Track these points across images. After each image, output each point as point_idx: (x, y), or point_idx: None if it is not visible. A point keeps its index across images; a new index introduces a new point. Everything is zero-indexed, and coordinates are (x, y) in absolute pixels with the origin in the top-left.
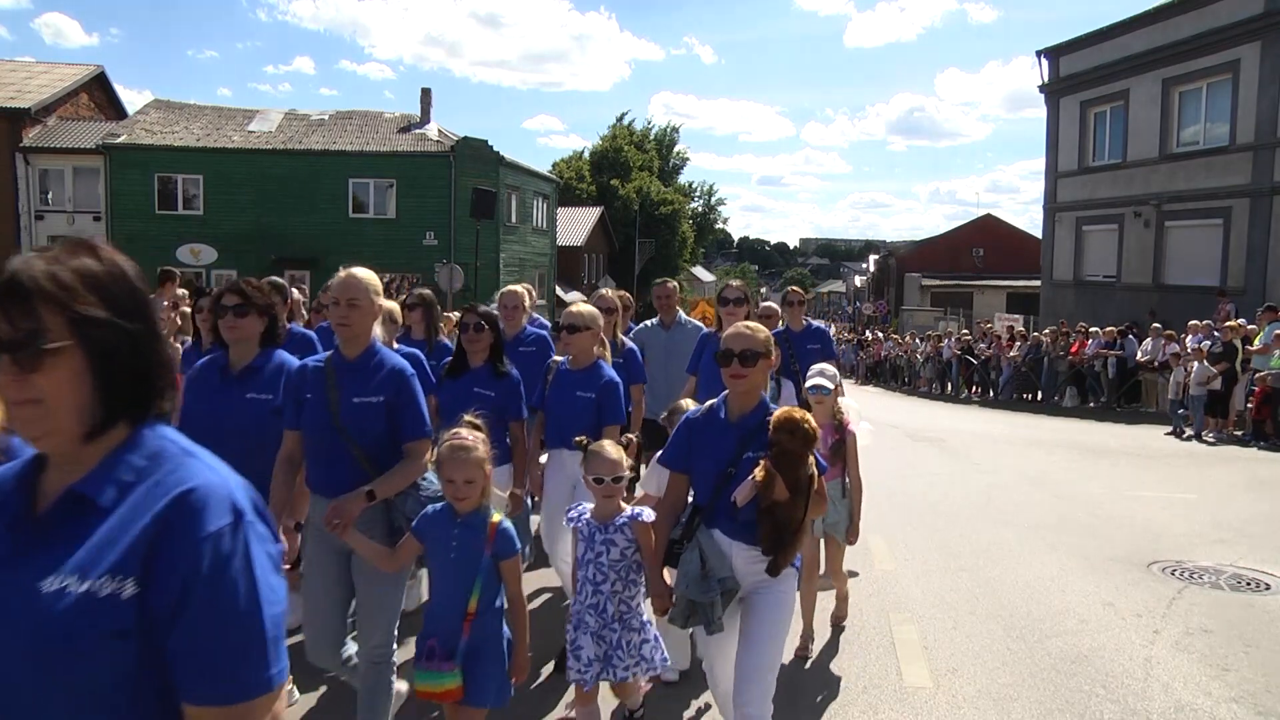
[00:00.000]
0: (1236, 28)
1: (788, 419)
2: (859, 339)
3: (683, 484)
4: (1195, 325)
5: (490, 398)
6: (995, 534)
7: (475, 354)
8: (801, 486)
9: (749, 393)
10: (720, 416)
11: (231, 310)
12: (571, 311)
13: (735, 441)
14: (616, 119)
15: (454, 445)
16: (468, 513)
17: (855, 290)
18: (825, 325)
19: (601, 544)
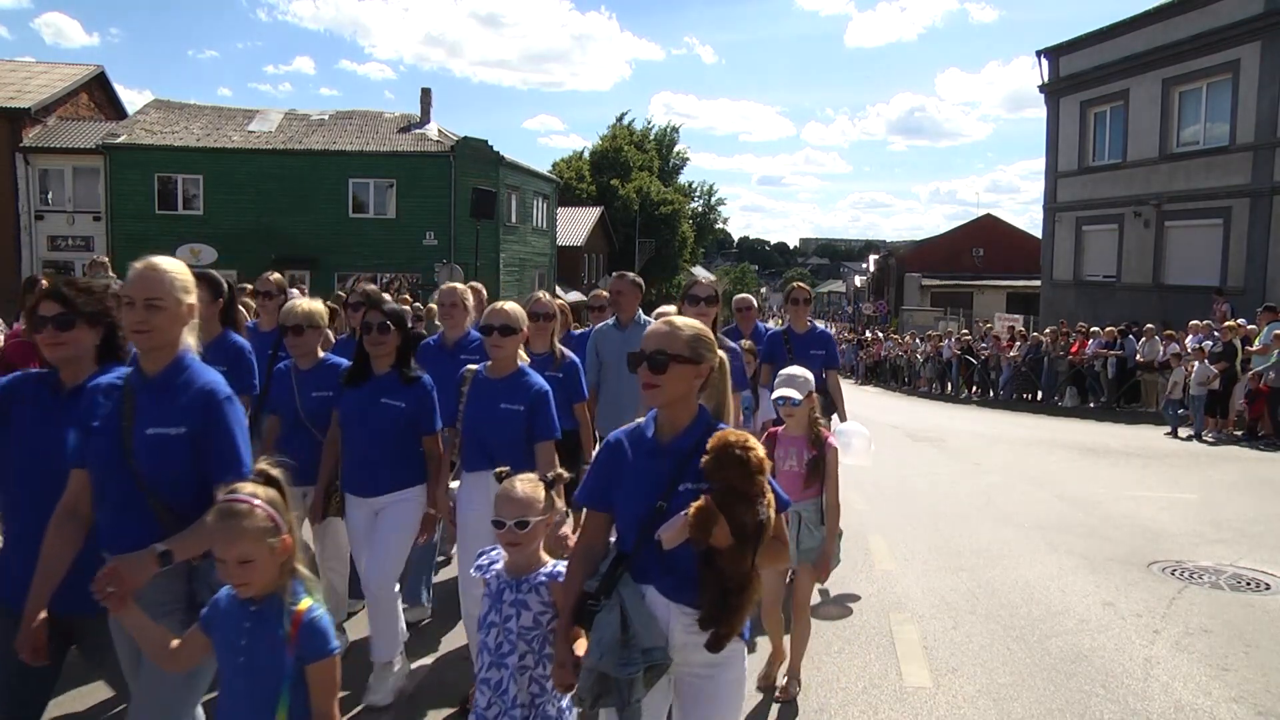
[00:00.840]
0: (1236, 28)
1: (722, 447)
2: (859, 339)
3: (602, 525)
4: (1195, 325)
5: (399, 409)
6: (995, 534)
7: (379, 358)
8: (748, 531)
9: (675, 406)
10: (648, 437)
11: (51, 322)
12: (502, 310)
13: (667, 469)
14: (616, 119)
15: (222, 510)
16: (263, 600)
17: (855, 290)
18: (829, 329)
19: (511, 605)
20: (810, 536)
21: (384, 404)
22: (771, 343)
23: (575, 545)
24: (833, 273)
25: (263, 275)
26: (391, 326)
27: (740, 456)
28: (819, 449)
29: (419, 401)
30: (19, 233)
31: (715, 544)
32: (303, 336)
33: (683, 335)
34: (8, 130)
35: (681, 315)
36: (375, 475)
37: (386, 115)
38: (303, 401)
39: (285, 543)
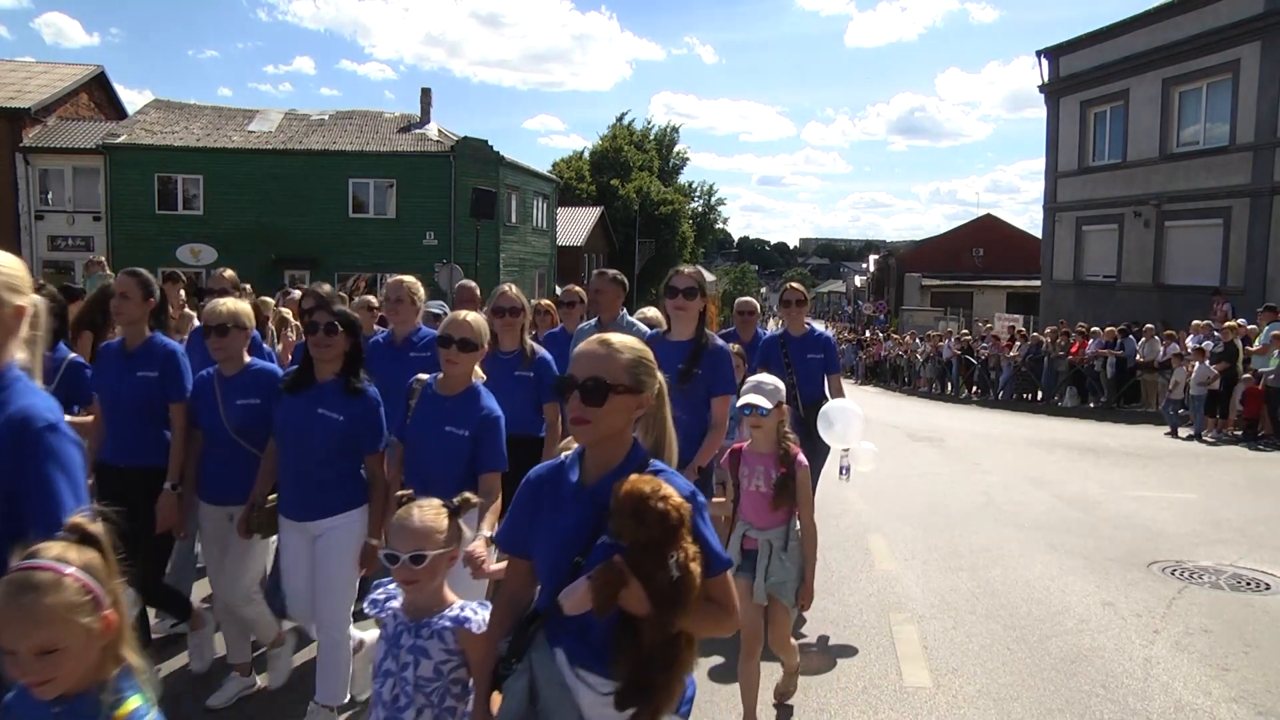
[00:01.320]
0: (1236, 28)
1: (631, 497)
2: (859, 339)
3: (523, 573)
4: (1196, 325)
5: (337, 423)
6: (995, 534)
7: (324, 364)
8: (667, 595)
9: (603, 444)
10: (570, 479)
11: None
12: (464, 322)
13: (587, 517)
14: (616, 119)
15: (14, 583)
16: (73, 699)
17: (855, 290)
18: (829, 331)
19: (409, 652)
20: (780, 567)
21: (321, 415)
22: (766, 347)
23: (499, 595)
24: (833, 273)
25: (216, 271)
26: (340, 328)
27: (656, 508)
28: (788, 467)
29: (361, 416)
30: (19, 233)
31: (628, 607)
32: (226, 338)
33: (622, 358)
34: (8, 130)
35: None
36: (309, 496)
37: (386, 115)
38: (227, 411)
39: (107, 621)
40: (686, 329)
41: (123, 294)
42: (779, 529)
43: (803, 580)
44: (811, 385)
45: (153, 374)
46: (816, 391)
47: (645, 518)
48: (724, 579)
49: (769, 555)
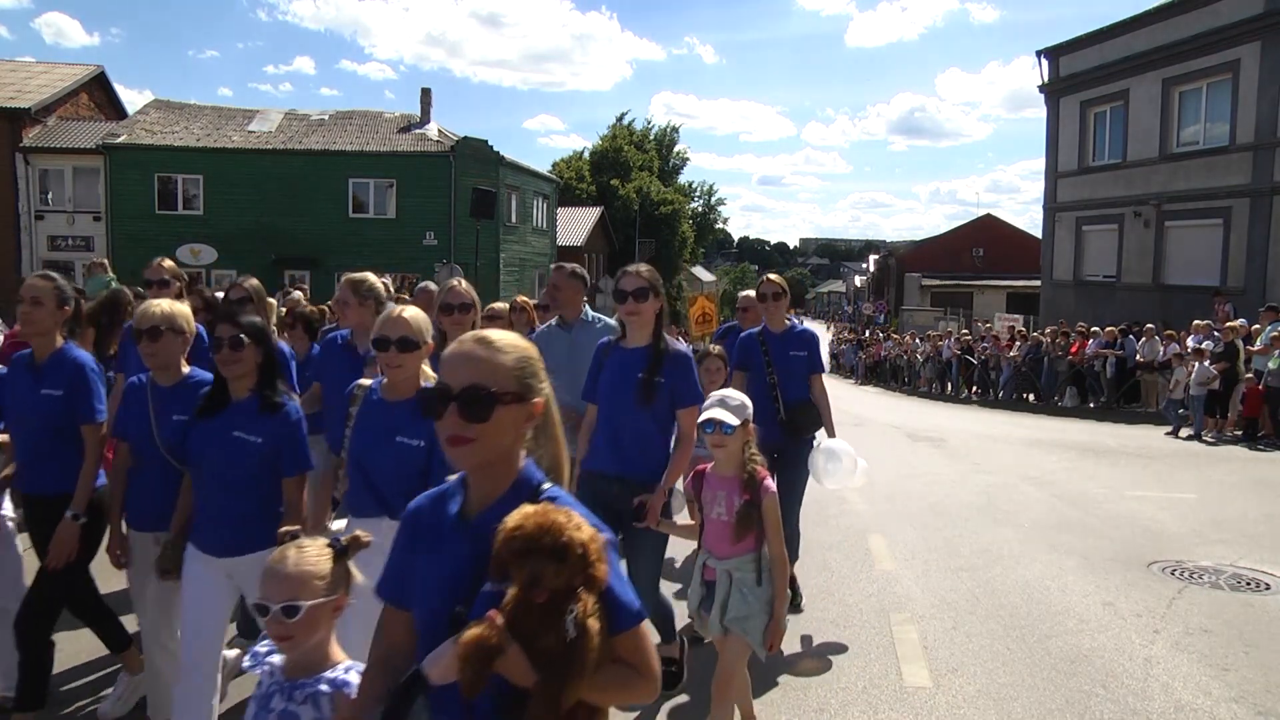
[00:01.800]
0: (1236, 28)
1: (518, 533)
2: (859, 339)
3: (403, 626)
4: (1196, 325)
5: (254, 445)
6: (995, 534)
7: (235, 380)
8: (559, 661)
9: (487, 469)
10: (450, 511)
11: None
12: (399, 319)
13: (471, 557)
14: (616, 119)
15: None
16: None
17: (855, 290)
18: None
19: (279, 717)
20: (742, 601)
21: (237, 439)
22: (744, 347)
23: (371, 653)
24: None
25: (154, 262)
26: (246, 341)
27: (553, 545)
28: (753, 493)
29: (280, 436)
30: (19, 233)
31: (509, 676)
32: (159, 343)
33: (505, 360)
34: (8, 130)
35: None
36: (226, 531)
37: (386, 115)
38: (159, 426)
39: None
40: (642, 334)
41: (34, 299)
42: (745, 557)
43: (772, 615)
44: (794, 386)
45: (58, 392)
46: (800, 393)
47: (566, 556)
48: (636, 634)
49: (728, 588)
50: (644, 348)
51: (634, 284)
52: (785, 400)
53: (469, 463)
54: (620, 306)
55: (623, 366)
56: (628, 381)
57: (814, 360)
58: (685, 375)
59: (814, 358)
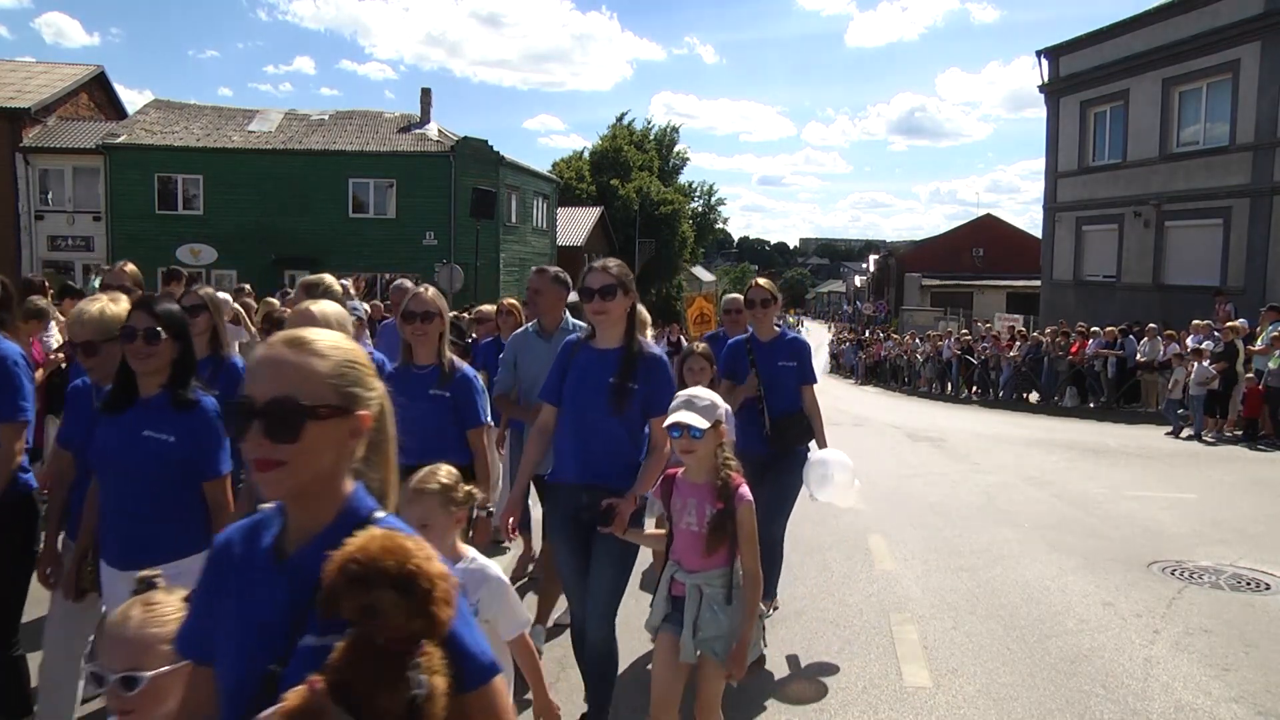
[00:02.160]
0: (1236, 28)
1: (366, 549)
2: (859, 339)
3: (204, 688)
4: (1197, 325)
5: (167, 444)
6: (995, 534)
7: (147, 376)
8: None
9: (303, 498)
10: (263, 545)
11: None
12: (307, 312)
13: (287, 602)
14: (616, 119)
15: None
16: None
17: (855, 290)
18: (803, 334)
19: None
20: (714, 620)
21: (147, 438)
22: (731, 354)
23: None
24: (833, 273)
25: (117, 266)
26: (163, 334)
27: (398, 572)
28: (727, 502)
29: (196, 434)
30: (19, 233)
31: None
32: (98, 356)
33: (320, 365)
34: (8, 130)
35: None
36: (132, 538)
37: (386, 115)
38: None
39: None
40: (613, 335)
41: None
42: (716, 572)
43: (738, 639)
44: (783, 397)
45: None
46: (789, 404)
47: (412, 588)
48: (489, 692)
49: (699, 604)
50: (615, 350)
51: (600, 280)
52: (771, 413)
53: (279, 490)
54: (587, 305)
55: (591, 368)
56: (598, 385)
57: (805, 370)
58: (660, 380)
59: (805, 368)
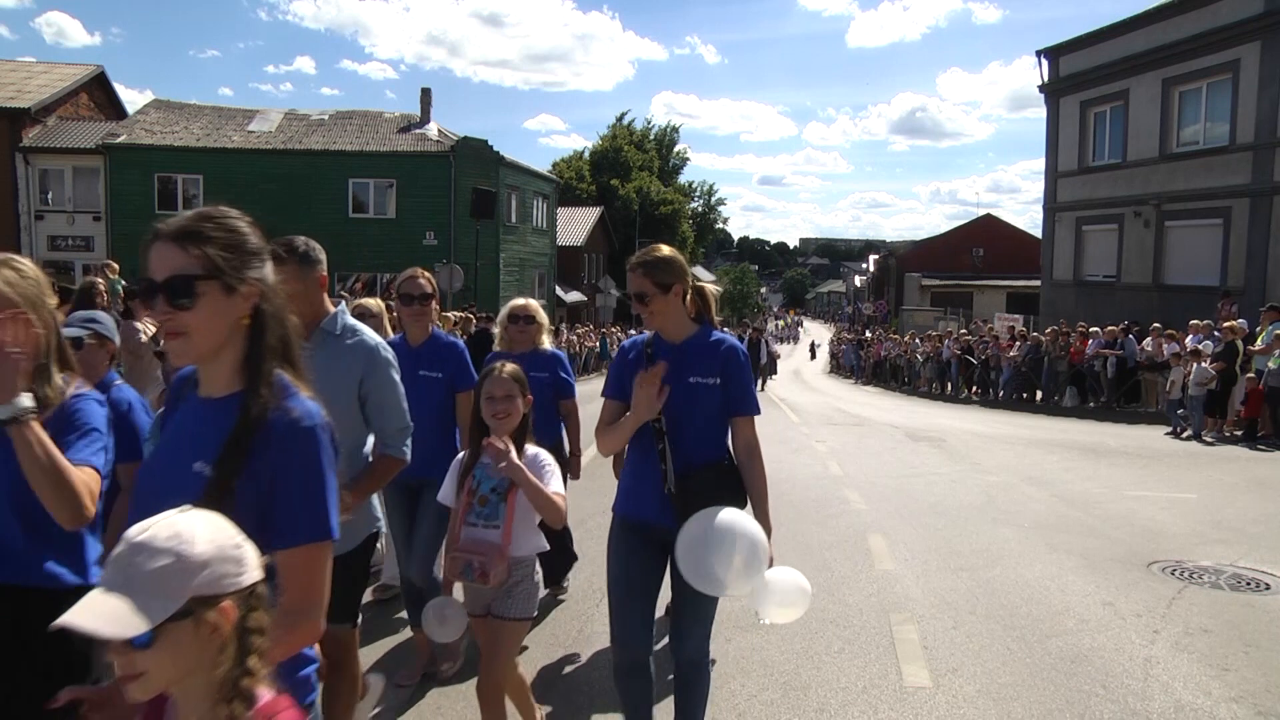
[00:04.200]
0: (1236, 28)
1: None
2: (859, 339)
3: None
4: (1196, 325)
5: None
6: (995, 534)
7: None
8: None
9: None
10: None
11: None
12: None
13: None
14: (616, 119)
15: None
16: None
17: (855, 290)
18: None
19: None
20: None
21: None
22: (620, 364)
23: None
24: (833, 273)
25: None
26: None
27: None
28: None
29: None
30: (19, 233)
31: None
32: None
33: None
34: (8, 130)
35: None
36: None
37: (386, 115)
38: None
39: None
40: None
41: None
42: None
43: None
44: (697, 436)
45: None
46: (708, 448)
47: None
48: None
49: None
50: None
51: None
52: (679, 461)
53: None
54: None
55: None
56: None
57: (736, 393)
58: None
59: (736, 389)
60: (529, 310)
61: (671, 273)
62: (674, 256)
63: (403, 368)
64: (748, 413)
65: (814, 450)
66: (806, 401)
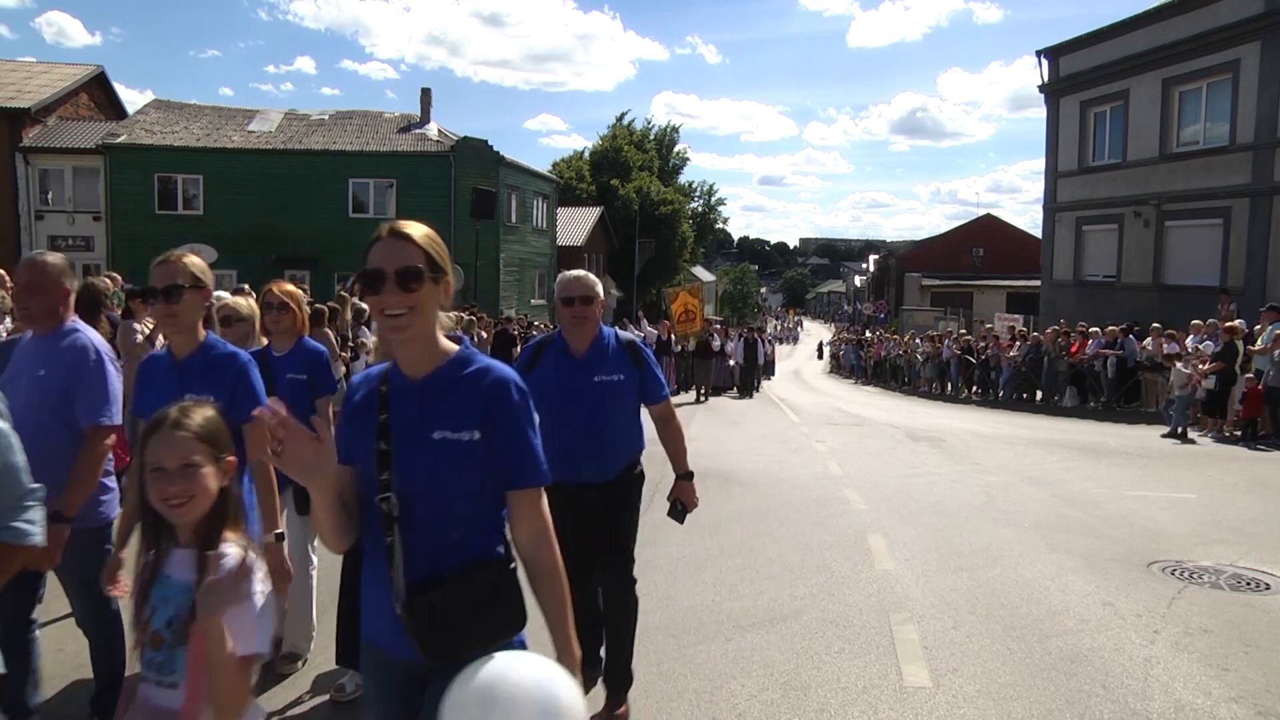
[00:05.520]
0: (1236, 28)
1: None
2: (859, 339)
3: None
4: (1197, 325)
5: None
6: (995, 534)
7: None
8: None
9: None
10: None
11: None
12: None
13: None
14: (616, 119)
15: None
16: None
17: (855, 290)
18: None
19: None
20: None
21: None
22: None
23: None
24: (833, 273)
25: None
26: None
27: None
28: None
29: None
30: (19, 233)
31: None
32: None
33: None
34: (8, 130)
35: None
36: None
37: (386, 115)
38: None
39: None
40: None
41: None
42: None
43: None
44: (440, 530)
45: None
46: (457, 547)
47: None
48: None
49: None
50: None
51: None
52: (417, 562)
53: None
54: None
55: None
56: None
57: (508, 450)
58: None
59: (508, 443)
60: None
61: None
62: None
63: None
64: (531, 482)
65: (814, 450)
66: (806, 401)
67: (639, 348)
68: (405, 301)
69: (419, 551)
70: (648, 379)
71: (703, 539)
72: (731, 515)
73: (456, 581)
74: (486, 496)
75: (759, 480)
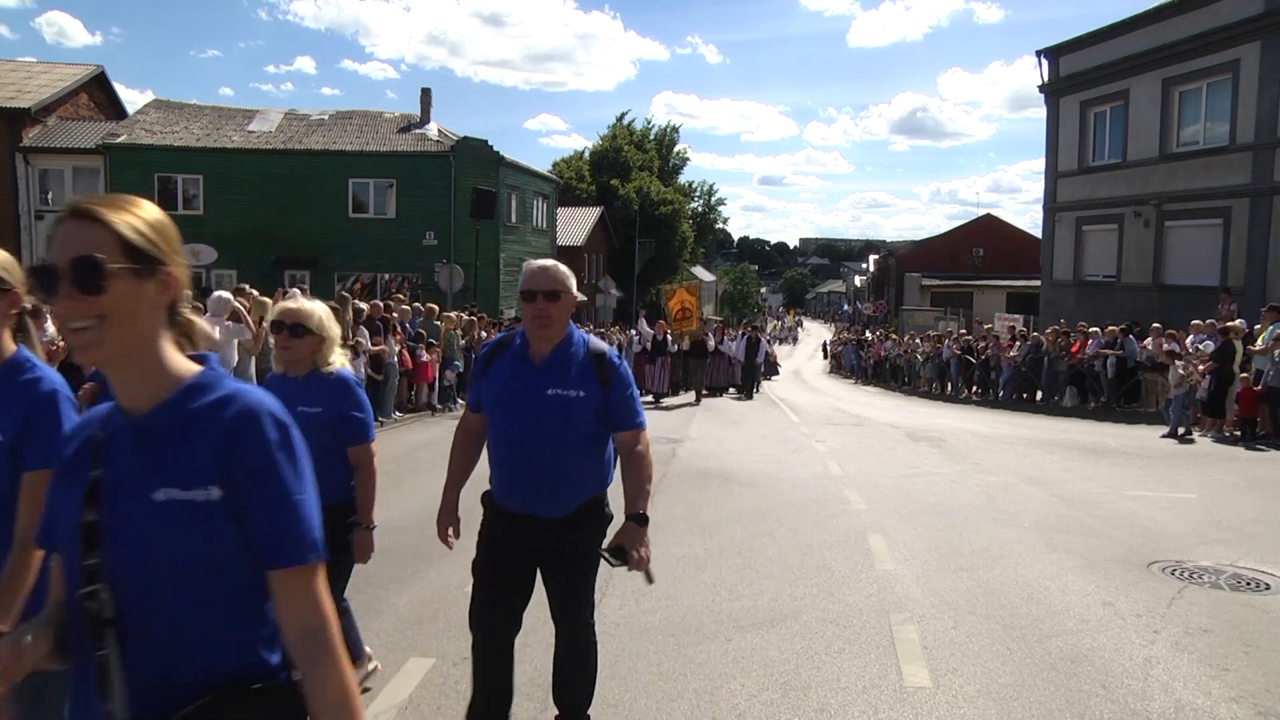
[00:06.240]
0: (1236, 28)
1: None
2: (859, 339)
3: None
4: (1198, 325)
5: None
6: (995, 534)
7: None
8: None
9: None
10: None
11: None
12: None
13: None
14: (616, 119)
15: None
16: None
17: (855, 290)
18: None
19: None
20: None
21: None
22: None
23: None
24: (833, 273)
25: None
26: None
27: None
28: None
29: None
30: (19, 233)
31: None
32: None
33: None
34: (8, 130)
35: None
36: None
37: (386, 115)
38: None
39: None
40: None
41: None
42: None
43: None
44: (172, 635)
45: None
46: (196, 659)
47: None
48: None
49: None
50: None
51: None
52: (145, 676)
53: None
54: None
55: None
56: None
57: (266, 525)
58: None
59: (264, 516)
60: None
61: None
62: None
63: None
64: (294, 559)
65: (814, 450)
66: (806, 401)
67: (610, 363)
68: (87, 309)
69: (145, 670)
70: (614, 402)
71: (703, 539)
72: (731, 515)
73: (206, 717)
74: (239, 581)
75: (759, 480)
